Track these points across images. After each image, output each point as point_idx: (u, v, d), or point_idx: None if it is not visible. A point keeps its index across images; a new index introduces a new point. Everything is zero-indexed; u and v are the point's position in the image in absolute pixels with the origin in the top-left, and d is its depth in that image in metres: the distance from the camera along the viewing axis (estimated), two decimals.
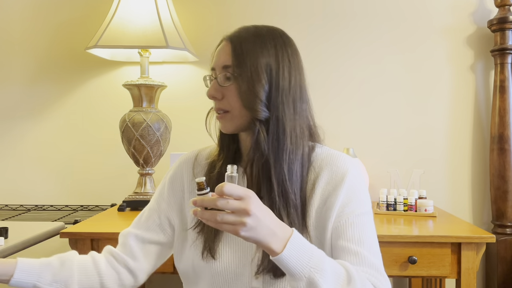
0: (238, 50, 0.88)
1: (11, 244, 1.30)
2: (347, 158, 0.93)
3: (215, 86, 0.89)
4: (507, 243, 1.82)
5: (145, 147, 1.74)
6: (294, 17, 2.00)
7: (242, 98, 0.87)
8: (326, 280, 0.73)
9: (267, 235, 0.71)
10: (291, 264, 0.72)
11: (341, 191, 0.88)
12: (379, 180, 1.93)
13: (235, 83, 0.87)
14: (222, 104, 0.89)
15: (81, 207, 1.99)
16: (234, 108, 0.88)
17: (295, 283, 0.74)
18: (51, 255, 0.97)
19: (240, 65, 0.87)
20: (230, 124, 0.90)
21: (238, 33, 0.91)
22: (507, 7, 1.85)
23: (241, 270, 0.89)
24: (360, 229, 0.86)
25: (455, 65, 1.97)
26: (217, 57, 0.91)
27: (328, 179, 0.90)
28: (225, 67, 0.89)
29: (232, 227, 0.70)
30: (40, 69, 2.06)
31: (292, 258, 0.72)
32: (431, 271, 1.39)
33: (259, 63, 0.87)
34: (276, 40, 0.90)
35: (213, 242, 0.90)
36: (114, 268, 0.97)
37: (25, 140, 2.06)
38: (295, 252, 0.73)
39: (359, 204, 0.88)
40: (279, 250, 0.72)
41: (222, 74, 0.89)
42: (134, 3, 1.73)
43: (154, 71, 1.99)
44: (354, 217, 0.87)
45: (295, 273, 0.73)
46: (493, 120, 1.88)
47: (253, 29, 0.92)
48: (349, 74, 1.99)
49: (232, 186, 0.70)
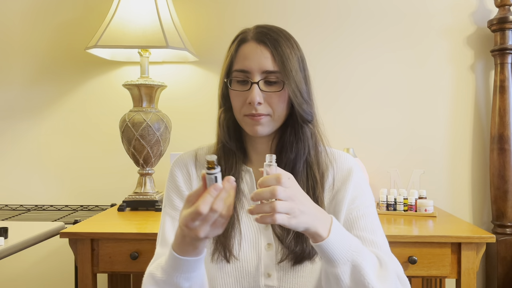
0: (279, 55, 0.89)
1: (11, 244, 1.30)
2: (349, 155, 0.99)
3: (259, 91, 0.89)
4: (507, 243, 1.82)
5: (145, 147, 1.74)
6: (294, 16, 2.00)
7: (294, 102, 0.89)
8: (367, 263, 0.75)
9: (314, 220, 0.72)
10: (336, 249, 0.73)
11: (349, 186, 0.93)
12: (379, 180, 1.93)
13: (280, 89, 0.89)
14: (264, 109, 0.90)
15: (81, 207, 1.99)
16: (275, 112, 0.90)
17: (337, 269, 0.74)
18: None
19: (285, 70, 0.88)
20: (268, 128, 0.92)
21: (268, 36, 0.91)
22: (507, 7, 1.85)
23: (254, 269, 0.90)
24: (371, 220, 0.91)
25: (455, 65, 1.97)
26: (254, 61, 0.89)
27: (334, 176, 0.95)
28: (266, 72, 0.89)
29: (287, 217, 0.69)
30: (40, 69, 2.06)
31: (337, 242, 0.73)
32: (431, 271, 1.39)
33: (296, 67, 0.90)
34: (294, 40, 0.94)
35: (228, 245, 0.90)
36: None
37: (25, 140, 2.06)
38: (339, 236, 0.74)
39: (366, 197, 0.94)
40: (325, 234, 0.73)
41: (264, 79, 0.89)
42: (134, 3, 1.73)
43: (154, 71, 1.99)
44: (364, 208, 0.92)
45: (340, 258, 0.74)
46: (493, 120, 1.88)
47: (276, 29, 0.93)
48: (348, 74, 1.99)
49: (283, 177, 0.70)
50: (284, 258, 0.89)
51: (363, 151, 1.96)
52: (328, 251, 0.73)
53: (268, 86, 0.90)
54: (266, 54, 0.89)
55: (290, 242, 0.89)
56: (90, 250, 1.42)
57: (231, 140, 0.96)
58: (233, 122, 0.96)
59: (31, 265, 2.04)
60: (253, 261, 0.90)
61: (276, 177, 0.69)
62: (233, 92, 0.92)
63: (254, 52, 0.90)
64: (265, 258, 0.90)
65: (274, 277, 0.89)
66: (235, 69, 0.91)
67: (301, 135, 0.93)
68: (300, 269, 0.89)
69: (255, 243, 0.91)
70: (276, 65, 0.89)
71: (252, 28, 0.94)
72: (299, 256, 0.89)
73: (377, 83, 1.99)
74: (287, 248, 0.89)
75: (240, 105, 0.91)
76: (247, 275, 0.89)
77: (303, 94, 0.91)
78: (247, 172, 0.97)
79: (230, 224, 0.91)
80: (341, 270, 0.74)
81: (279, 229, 0.91)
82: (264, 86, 0.89)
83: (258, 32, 0.92)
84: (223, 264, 0.90)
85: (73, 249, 1.44)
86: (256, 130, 0.91)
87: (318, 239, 0.73)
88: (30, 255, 2.01)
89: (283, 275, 0.89)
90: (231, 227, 0.91)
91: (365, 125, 1.99)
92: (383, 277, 0.77)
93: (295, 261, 0.89)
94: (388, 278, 0.78)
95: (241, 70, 0.90)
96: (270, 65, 0.89)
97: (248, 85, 0.90)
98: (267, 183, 0.69)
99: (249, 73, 0.89)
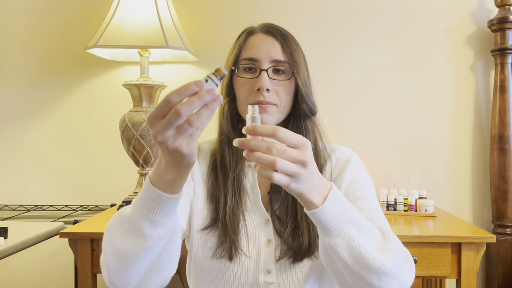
0: (287, 46, 0.91)
1: (11, 244, 1.30)
2: (347, 148, 1.01)
3: (267, 78, 0.89)
4: (508, 243, 1.82)
5: (145, 147, 1.74)
6: (293, 16, 2.00)
7: (303, 92, 0.90)
8: (363, 236, 0.73)
9: (310, 188, 0.68)
10: (330, 219, 0.70)
11: (347, 172, 0.94)
12: (379, 180, 1.93)
13: (288, 78, 0.90)
14: (271, 97, 0.89)
15: (81, 207, 1.99)
16: (282, 102, 0.91)
17: (331, 240, 0.71)
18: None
19: (293, 61, 0.90)
20: (274, 119, 0.91)
21: (277, 29, 0.93)
22: (507, 7, 1.85)
23: (253, 265, 0.89)
24: (369, 201, 0.90)
25: (456, 65, 1.97)
26: (263, 50, 0.90)
27: (333, 165, 0.96)
28: (275, 61, 0.90)
29: (287, 179, 0.65)
30: (40, 69, 2.06)
31: (331, 212, 0.70)
32: (431, 271, 1.39)
33: (302, 61, 0.92)
34: (298, 42, 0.96)
35: (232, 241, 0.89)
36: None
37: (25, 140, 2.06)
38: (335, 206, 0.71)
39: (364, 182, 0.94)
40: (319, 203, 0.70)
41: (273, 67, 0.90)
42: (134, 3, 1.73)
43: (154, 71, 1.99)
44: (361, 191, 0.91)
45: (333, 228, 0.71)
46: (493, 120, 1.88)
47: (281, 27, 0.95)
48: (348, 74, 1.99)
49: (288, 132, 0.64)
50: (283, 256, 0.88)
51: (363, 151, 1.96)
52: (321, 219, 0.70)
53: (277, 74, 0.91)
54: (276, 44, 0.91)
55: (288, 238, 0.89)
56: (90, 250, 1.42)
57: (235, 131, 0.95)
58: (237, 114, 0.96)
59: (31, 265, 2.04)
60: (253, 257, 0.90)
61: (272, 132, 0.63)
62: (240, 80, 0.92)
63: (263, 42, 0.91)
64: (264, 254, 0.90)
65: (273, 273, 0.89)
66: (244, 57, 0.91)
67: (303, 129, 0.93)
68: (300, 266, 0.89)
69: (255, 239, 0.91)
70: (285, 55, 0.90)
71: (259, 24, 0.96)
72: (297, 253, 0.88)
73: (377, 83, 1.99)
74: (285, 244, 0.89)
75: (247, 94, 0.90)
76: (247, 272, 0.89)
77: (309, 86, 0.93)
78: (249, 168, 0.96)
79: (237, 219, 0.91)
80: (336, 241, 0.71)
81: (278, 225, 0.90)
82: (273, 74, 0.90)
83: (266, 25, 0.94)
84: (224, 261, 0.89)
85: (73, 249, 1.44)
86: (262, 118, 0.89)
87: (312, 207, 0.70)
88: (30, 255, 2.01)
89: (283, 271, 0.89)
90: (238, 223, 0.90)
91: (365, 125, 1.99)
92: (386, 249, 0.74)
93: (294, 259, 0.88)
94: (392, 251, 0.74)
95: (250, 59, 0.90)
96: (279, 55, 0.90)
97: (256, 73, 0.90)
98: (264, 132, 0.64)
99: (258, 61, 0.90)
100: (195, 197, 0.94)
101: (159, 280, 0.75)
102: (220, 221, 0.90)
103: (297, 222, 0.90)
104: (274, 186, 0.93)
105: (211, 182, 0.95)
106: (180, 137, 0.60)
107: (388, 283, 0.73)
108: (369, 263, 0.71)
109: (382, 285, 0.73)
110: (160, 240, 0.70)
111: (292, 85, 0.91)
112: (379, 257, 0.72)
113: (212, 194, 0.93)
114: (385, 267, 0.72)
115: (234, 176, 0.93)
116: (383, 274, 0.72)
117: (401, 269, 0.76)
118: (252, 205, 0.93)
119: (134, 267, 0.71)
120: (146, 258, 0.71)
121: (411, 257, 0.81)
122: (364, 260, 0.71)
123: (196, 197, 0.94)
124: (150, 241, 0.69)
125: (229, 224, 0.89)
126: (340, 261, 0.73)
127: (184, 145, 0.61)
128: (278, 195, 0.92)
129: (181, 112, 0.58)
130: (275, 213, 0.92)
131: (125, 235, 0.72)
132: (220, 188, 0.93)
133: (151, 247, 0.70)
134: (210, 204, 0.93)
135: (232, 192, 0.92)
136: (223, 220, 0.90)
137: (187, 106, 0.58)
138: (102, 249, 0.75)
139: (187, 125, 0.59)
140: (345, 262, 0.72)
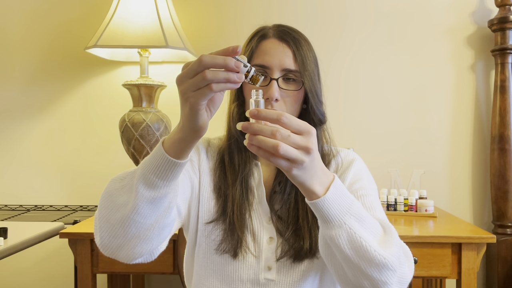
0: (300, 55, 0.90)
1: (11, 244, 1.30)
2: (352, 152, 1.01)
3: (277, 88, 0.88)
4: (508, 244, 1.82)
5: (145, 147, 1.74)
6: (293, 16, 1.99)
7: (312, 102, 0.90)
8: (365, 229, 0.72)
9: (312, 177, 0.68)
10: (332, 210, 0.70)
11: (349, 173, 0.94)
12: (379, 180, 1.91)
13: (298, 89, 0.89)
14: (279, 107, 0.89)
15: (81, 207, 1.99)
16: (288, 111, 0.90)
17: (332, 231, 0.71)
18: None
19: (304, 70, 0.89)
20: None
21: (290, 35, 0.92)
22: (508, 7, 1.84)
23: (254, 262, 0.90)
24: (370, 200, 0.90)
25: (456, 65, 1.97)
26: (275, 57, 0.89)
27: (337, 167, 0.96)
28: (286, 70, 0.89)
29: (289, 164, 0.64)
30: (39, 69, 2.06)
31: (333, 203, 0.70)
32: (432, 271, 1.39)
33: (313, 68, 0.91)
34: (310, 42, 0.95)
35: (239, 239, 0.89)
36: None
37: (25, 140, 2.06)
38: (337, 197, 0.70)
39: (366, 182, 0.94)
40: (321, 193, 0.69)
41: (283, 76, 0.89)
42: (134, 3, 1.73)
43: (153, 71, 1.99)
44: (363, 191, 0.91)
45: (335, 219, 0.70)
46: (493, 120, 1.88)
47: (296, 30, 0.94)
48: (348, 74, 1.99)
49: (293, 117, 0.64)
50: (284, 255, 0.89)
51: (364, 151, 1.96)
52: (323, 210, 0.69)
53: (287, 84, 0.90)
54: (288, 52, 0.90)
55: (289, 238, 0.89)
56: (90, 251, 1.42)
57: (244, 135, 0.95)
58: (246, 118, 0.95)
59: (31, 265, 2.04)
60: (255, 253, 0.90)
61: (277, 116, 0.62)
62: (249, 85, 0.91)
63: (276, 49, 0.90)
64: (266, 251, 0.90)
65: (274, 270, 0.89)
66: (255, 63, 0.91)
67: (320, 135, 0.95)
68: (300, 265, 0.89)
69: (258, 236, 0.91)
70: (296, 65, 0.89)
71: (272, 26, 0.95)
72: (298, 254, 0.88)
73: (377, 83, 1.98)
74: (287, 243, 0.89)
75: None
76: (248, 268, 0.90)
77: (319, 96, 0.92)
78: (255, 166, 0.96)
79: (244, 217, 0.91)
80: (337, 232, 0.70)
81: (280, 224, 0.91)
82: (283, 83, 0.90)
83: (280, 30, 0.92)
84: (227, 255, 0.90)
85: (72, 250, 1.44)
86: None
87: (313, 197, 0.69)
88: (30, 255, 2.01)
89: (283, 269, 0.89)
90: (245, 220, 0.91)
91: (365, 125, 1.99)
92: (387, 243, 0.74)
93: (295, 258, 0.89)
94: (393, 245, 0.74)
95: (261, 65, 0.90)
96: (291, 64, 0.89)
97: (267, 81, 0.89)
98: (268, 116, 0.63)
99: (269, 69, 0.89)
100: (201, 187, 0.95)
101: (143, 250, 0.76)
102: (228, 218, 0.91)
103: (298, 225, 0.90)
104: (279, 185, 0.93)
105: (218, 176, 0.96)
106: (201, 97, 0.63)
107: (388, 277, 0.73)
108: (370, 255, 0.71)
109: (382, 278, 0.73)
110: (150, 204, 0.70)
111: (301, 94, 0.91)
112: (380, 250, 0.72)
113: (219, 188, 0.94)
114: (386, 260, 0.72)
115: (243, 177, 0.93)
116: (383, 267, 0.72)
117: (401, 264, 0.76)
118: (257, 203, 0.94)
119: (122, 225, 0.72)
120: (136, 221, 0.71)
121: (410, 253, 0.81)
122: (365, 252, 0.71)
123: (202, 187, 0.95)
124: (140, 200, 0.69)
125: (237, 222, 0.90)
126: (340, 253, 0.72)
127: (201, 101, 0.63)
128: (281, 195, 0.93)
129: (208, 78, 0.61)
130: (278, 212, 0.92)
131: (123, 190, 0.73)
132: (228, 188, 0.94)
133: (140, 209, 0.70)
134: (217, 198, 0.94)
135: (240, 191, 0.93)
136: (230, 218, 0.91)
137: (213, 75, 0.61)
138: (99, 201, 0.78)
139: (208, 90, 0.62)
140: (345, 254, 0.72)
